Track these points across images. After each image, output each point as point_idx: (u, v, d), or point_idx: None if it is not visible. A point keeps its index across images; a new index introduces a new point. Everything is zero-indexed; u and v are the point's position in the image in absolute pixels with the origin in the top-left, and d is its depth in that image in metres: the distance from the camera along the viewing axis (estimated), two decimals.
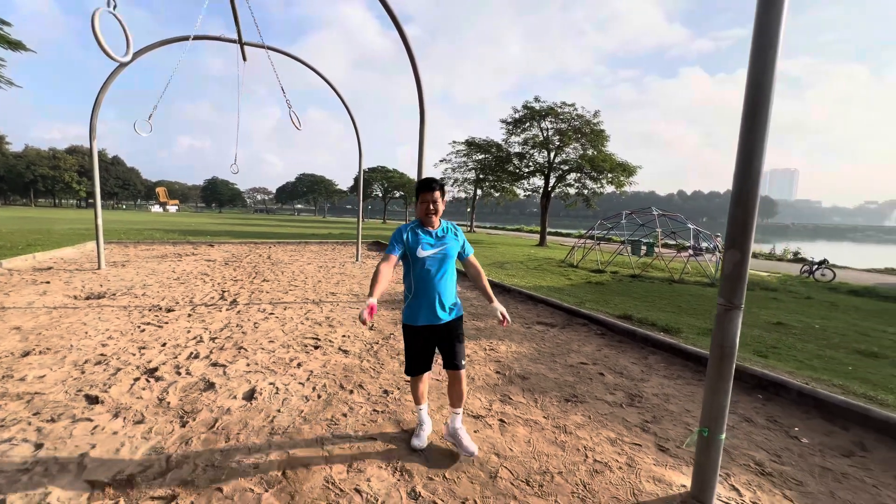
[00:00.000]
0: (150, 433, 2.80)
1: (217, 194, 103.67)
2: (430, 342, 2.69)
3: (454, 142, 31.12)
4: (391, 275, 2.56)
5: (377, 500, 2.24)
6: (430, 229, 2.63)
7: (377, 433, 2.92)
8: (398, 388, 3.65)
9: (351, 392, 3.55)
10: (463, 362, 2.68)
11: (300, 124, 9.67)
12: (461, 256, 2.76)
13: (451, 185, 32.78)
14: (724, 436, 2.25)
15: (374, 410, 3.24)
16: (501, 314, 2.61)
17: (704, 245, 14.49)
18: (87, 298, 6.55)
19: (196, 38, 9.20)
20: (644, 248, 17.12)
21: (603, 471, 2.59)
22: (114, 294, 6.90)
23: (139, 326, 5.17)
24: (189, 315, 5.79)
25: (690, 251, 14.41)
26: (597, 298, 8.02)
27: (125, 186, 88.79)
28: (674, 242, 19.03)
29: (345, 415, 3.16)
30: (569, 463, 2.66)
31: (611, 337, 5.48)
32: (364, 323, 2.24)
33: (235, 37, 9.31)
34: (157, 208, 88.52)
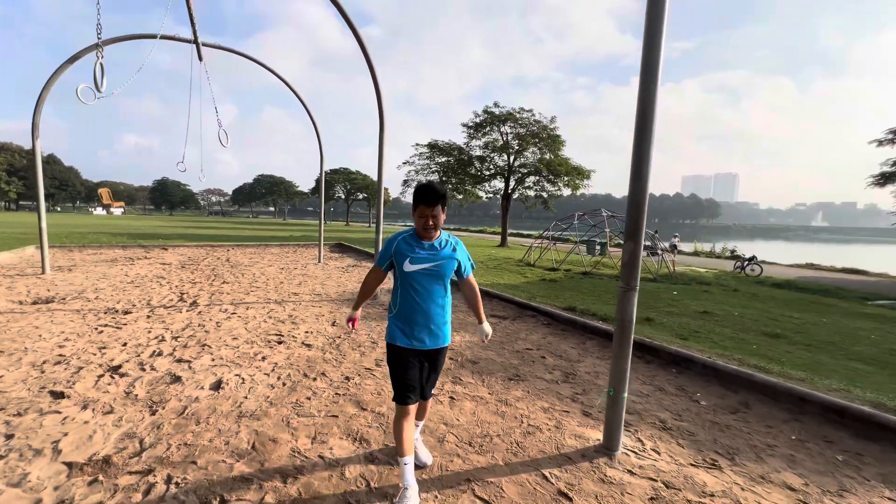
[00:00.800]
0: (121, 421, 2.98)
1: (167, 196, 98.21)
2: (414, 360, 2.32)
3: (417, 144, 31.43)
4: (378, 285, 2.50)
5: (338, 464, 2.57)
6: (425, 241, 2.28)
7: (339, 412, 3.23)
8: (359, 375, 3.97)
9: (314, 380, 3.84)
10: (433, 391, 2.53)
11: (227, 142, 10.14)
12: (459, 275, 2.40)
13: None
14: (626, 394, 2.76)
15: (336, 394, 3.55)
16: (486, 335, 2.53)
17: (647, 244, 15.68)
18: (35, 303, 6.37)
19: (149, 36, 9.06)
20: (598, 247, 18.22)
21: (535, 432, 3.05)
22: (63, 298, 6.73)
23: (96, 328, 5.16)
24: (148, 317, 5.80)
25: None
26: (548, 293, 8.63)
27: (62, 187, 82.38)
28: (622, 242, 20.39)
29: (309, 398, 3.45)
30: (507, 428, 3.09)
31: (555, 326, 6.04)
32: (350, 326, 2.49)
33: (191, 36, 9.24)
34: (99, 210, 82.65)
